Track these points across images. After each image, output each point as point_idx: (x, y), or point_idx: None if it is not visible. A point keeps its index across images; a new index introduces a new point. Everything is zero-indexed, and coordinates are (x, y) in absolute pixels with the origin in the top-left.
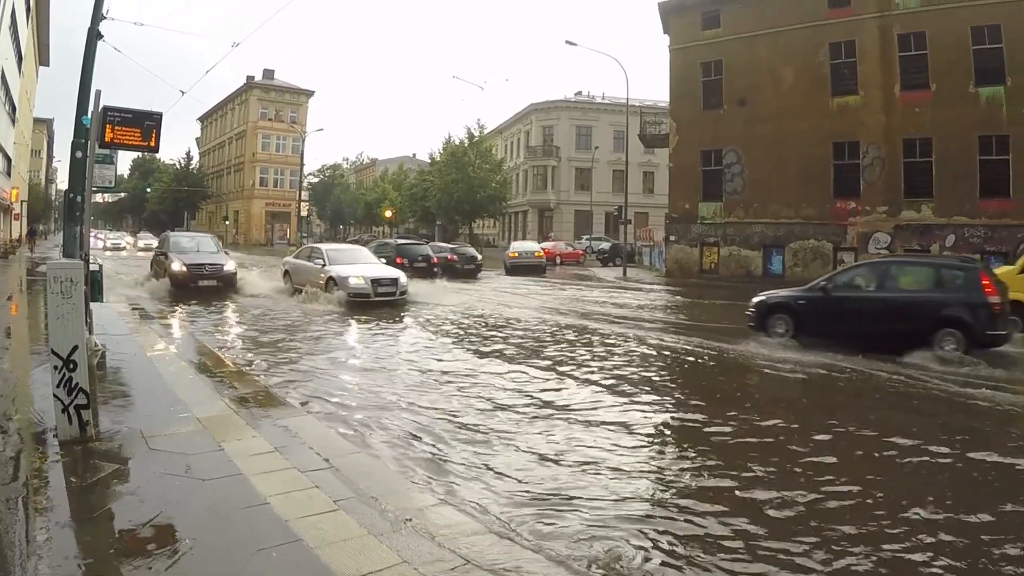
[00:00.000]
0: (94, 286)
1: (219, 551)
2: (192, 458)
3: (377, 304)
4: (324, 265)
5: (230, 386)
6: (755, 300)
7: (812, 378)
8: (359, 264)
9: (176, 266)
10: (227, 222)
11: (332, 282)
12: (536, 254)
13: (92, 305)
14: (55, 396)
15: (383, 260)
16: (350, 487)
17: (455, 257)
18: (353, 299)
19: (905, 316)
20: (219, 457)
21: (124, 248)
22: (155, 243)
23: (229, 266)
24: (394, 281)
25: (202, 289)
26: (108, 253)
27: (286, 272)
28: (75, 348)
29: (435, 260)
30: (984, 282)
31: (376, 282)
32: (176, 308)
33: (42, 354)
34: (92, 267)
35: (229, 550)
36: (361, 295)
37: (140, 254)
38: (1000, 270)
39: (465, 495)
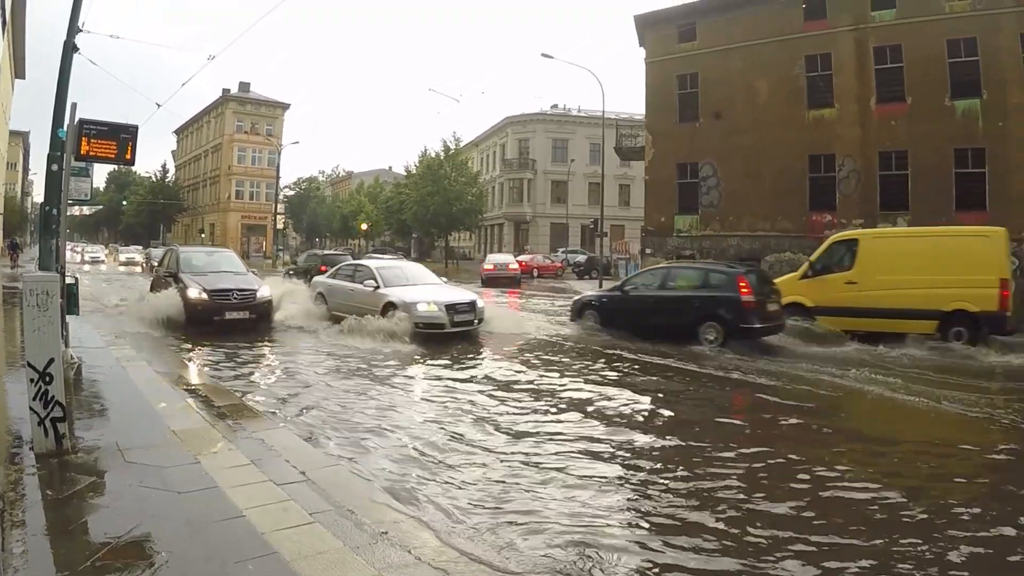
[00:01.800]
0: (70, 299)
1: (195, 564)
2: (168, 471)
3: (452, 336)
4: (378, 287)
5: (206, 399)
6: (574, 299)
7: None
8: (421, 285)
9: (194, 293)
10: (203, 235)
11: (392, 308)
12: (511, 267)
13: (68, 318)
14: (31, 409)
15: (294, 271)
16: (327, 500)
17: None
18: (423, 331)
19: (678, 311)
20: (195, 470)
21: (104, 261)
22: (137, 257)
23: (263, 291)
24: (472, 306)
25: (229, 324)
26: (87, 267)
27: (319, 294)
28: (51, 361)
29: None
30: (740, 284)
31: (452, 308)
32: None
33: (17, 367)
34: (68, 280)
35: (205, 563)
36: (434, 325)
37: (121, 269)
38: (783, 277)
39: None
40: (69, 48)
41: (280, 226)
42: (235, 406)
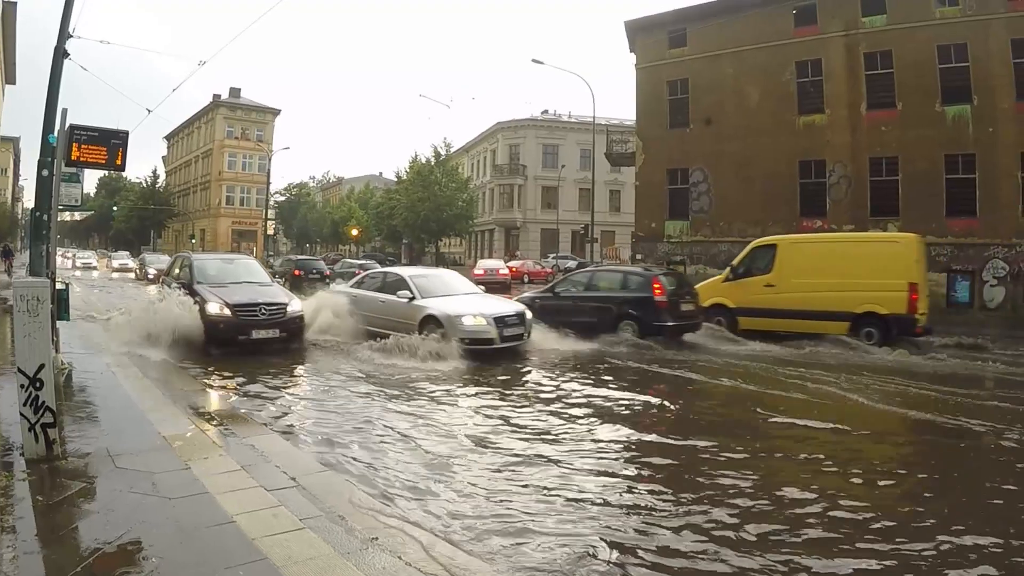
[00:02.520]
0: (60, 304)
1: (186, 569)
2: (159, 476)
3: (499, 353)
4: (414, 298)
5: (197, 404)
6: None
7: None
8: (461, 295)
9: (214, 308)
10: (193, 240)
11: (432, 323)
12: (500, 272)
13: (58, 324)
14: (21, 415)
15: (279, 279)
16: (317, 506)
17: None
18: (470, 347)
19: (600, 310)
20: (186, 476)
21: (96, 268)
22: (131, 263)
23: (294, 305)
24: (521, 318)
25: (256, 344)
26: (78, 273)
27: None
28: (41, 366)
29: (328, 272)
30: (655, 285)
31: (501, 321)
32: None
33: (7, 373)
34: (58, 286)
35: (196, 568)
36: (481, 341)
37: (115, 275)
38: (709, 280)
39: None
40: (60, 54)
41: (270, 232)
42: (224, 410)
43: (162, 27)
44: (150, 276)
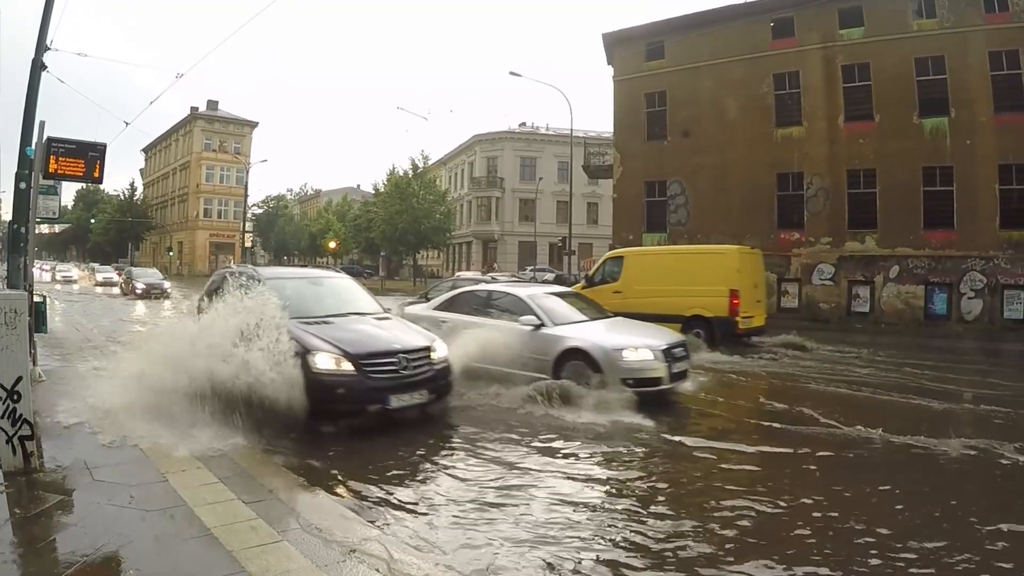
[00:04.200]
0: (38, 317)
1: None
2: (136, 489)
3: (660, 394)
4: (542, 326)
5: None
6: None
7: None
8: (600, 320)
9: (326, 361)
10: (171, 253)
11: (575, 358)
12: None
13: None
14: None
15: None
16: (295, 518)
17: None
18: (635, 388)
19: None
20: (164, 488)
21: (76, 281)
22: (115, 277)
23: (439, 349)
24: (685, 348)
25: (391, 416)
26: (59, 287)
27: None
28: (19, 379)
29: None
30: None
31: (669, 354)
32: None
33: None
34: (36, 299)
35: None
36: (647, 381)
37: (98, 289)
38: (573, 287)
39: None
40: (37, 66)
41: (248, 244)
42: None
43: (139, 40)
44: (138, 291)
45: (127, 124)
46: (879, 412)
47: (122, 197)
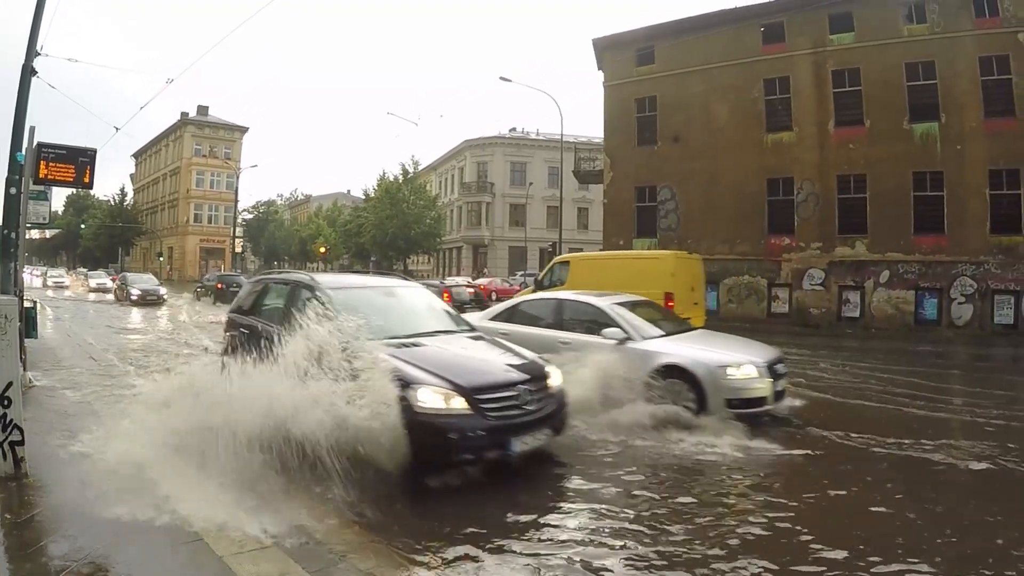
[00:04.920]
0: (28, 323)
1: None
2: (127, 494)
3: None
4: (629, 339)
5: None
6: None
7: None
8: (685, 333)
9: (432, 397)
10: (161, 258)
11: (673, 376)
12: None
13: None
14: None
15: (202, 289)
16: (286, 523)
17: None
18: (740, 409)
19: None
20: (154, 492)
21: (68, 287)
22: (108, 282)
23: (553, 375)
24: (783, 362)
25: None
26: (50, 293)
27: None
28: (9, 384)
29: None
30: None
31: (772, 371)
32: None
33: None
34: (26, 304)
35: None
36: (753, 401)
37: (91, 296)
38: (524, 291)
39: None
40: (27, 72)
41: (238, 250)
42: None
43: (129, 44)
44: (133, 298)
45: (117, 129)
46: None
47: (112, 202)
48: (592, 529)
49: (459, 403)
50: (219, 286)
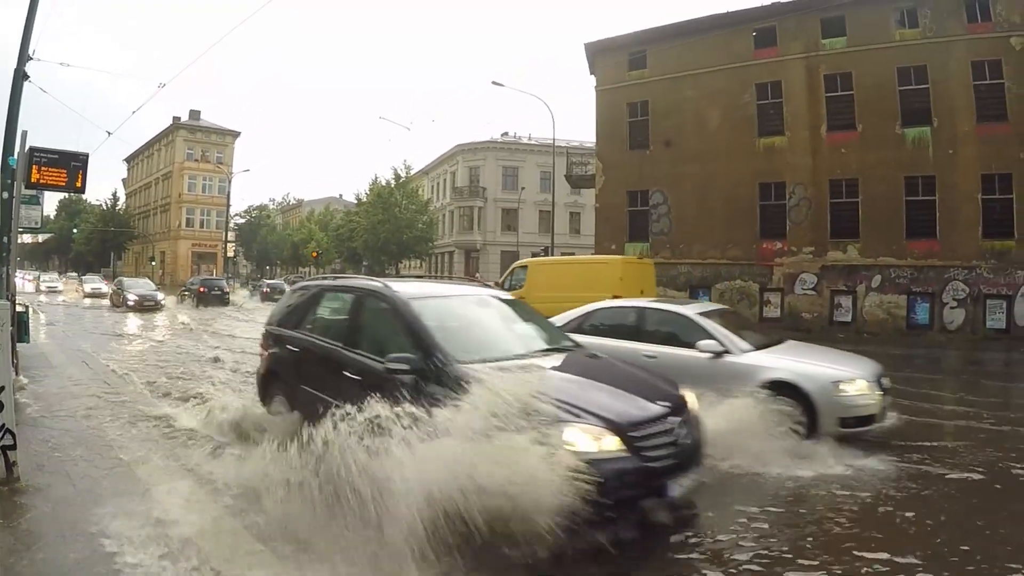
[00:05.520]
0: (21, 327)
1: None
2: (120, 498)
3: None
4: (726, 353)
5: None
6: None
7: None
8: (779, 344)
9: (580, 440)
10: (153, 263)
11: (783, 394)
12: None
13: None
14: None
15: (186, 292)
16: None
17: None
18: (853, 428)
19: None
20: (146, 497)
21: (62, 291)
22: (104, 288)
23: (690, 398)
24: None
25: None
26: (43, 298)
27: None
28: (1, 389)
29: (227, 289)
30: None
31: (878, 384)
32: None
33: None
34: (18, 308)
35: None
36: (864, 419)
37: (87, 301)
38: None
39: None
40: (19, 76)
41: (230, 254)
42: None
43: (123, 50)
44: (130, 303)
45: (109, 134)
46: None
47: (104, 207)
48: None
49: (612, 443)
50: (201, 290)
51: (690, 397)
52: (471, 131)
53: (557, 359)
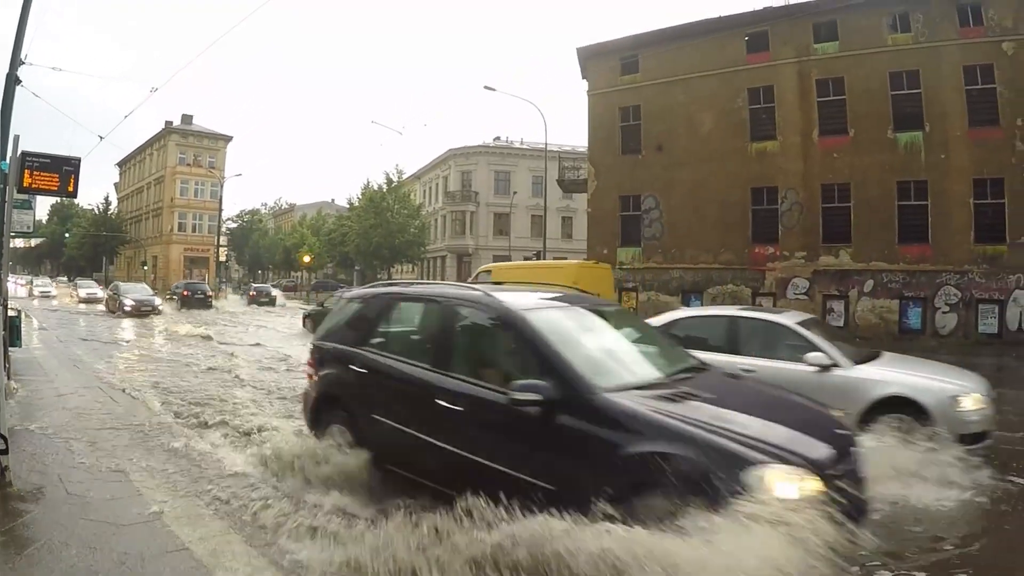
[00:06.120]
0: (13, 331)
1: None
2: (112, 503)
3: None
4: (834, 366)
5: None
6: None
7: None
8: (879, 357)
9: (780, 484)
10: (145, 267)
11: (893, 410)
12: None
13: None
14: None
15: (172, 296)
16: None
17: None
18: (970, 445)
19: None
20: (139, 501)
21: (55, 296)
22: (99, 292)
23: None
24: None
25: None
26: (36, 303)
27: None
28: None
29: (210, 293)
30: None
31: (989, 396)
32: None
33: None
34: (10, 313)
35: None
36: (980, 436)
37: (81, 307)
38: None
39: None
40: (11, 80)
41: (223, 259)
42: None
43: (123, 50)
44: (127, 308)
45: (101, 138)
46: None
47: (96, 211)
48: None
49: (813, 486)
50: (184, 293)
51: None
52: (463, 135)
53: (701, 383)
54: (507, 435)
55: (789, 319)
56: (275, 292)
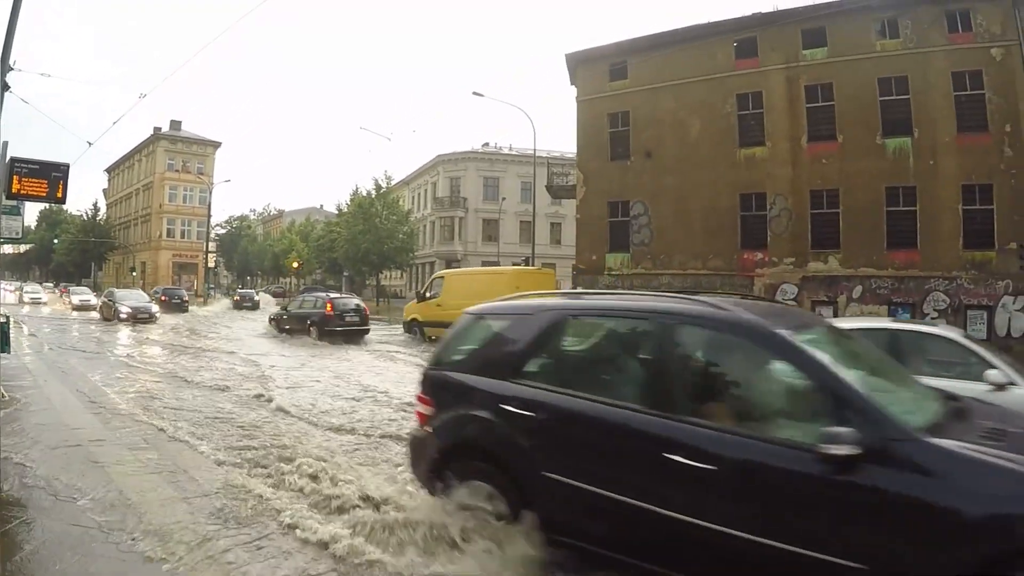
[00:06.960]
0: (2, 337)
1: None
2: (102, 508)
3: None
4: (1009, 383)
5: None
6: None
7: None
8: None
9: None
10: (134, 273)
11: None
12: None
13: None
14: None
15: (152, 300)
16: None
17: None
18: None
19: (301, 319)
20: (129, 508)
21: (45, 302)
22: (93, 299)
23: None
24: None
25: None
26: (26, 310)
27: None
28: None
29: (186, 299)
30: (327, 304)
31: None
32: None
33: None
34: None
35: None
36: None
37: (74, 314)
38: (410, 303)
39: None
40: (0, 87)
41: (211, 265)
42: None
43: (102, 58)
44: (122, 316)
45: (90, 144)
46: None
47: (85, 217)
48: None
49: None
50: (162, 298)
51: None
52: (452, 141)
53: (976, 422)
54: (793, 499)
55: (954, 332)
56: (258, 297)
